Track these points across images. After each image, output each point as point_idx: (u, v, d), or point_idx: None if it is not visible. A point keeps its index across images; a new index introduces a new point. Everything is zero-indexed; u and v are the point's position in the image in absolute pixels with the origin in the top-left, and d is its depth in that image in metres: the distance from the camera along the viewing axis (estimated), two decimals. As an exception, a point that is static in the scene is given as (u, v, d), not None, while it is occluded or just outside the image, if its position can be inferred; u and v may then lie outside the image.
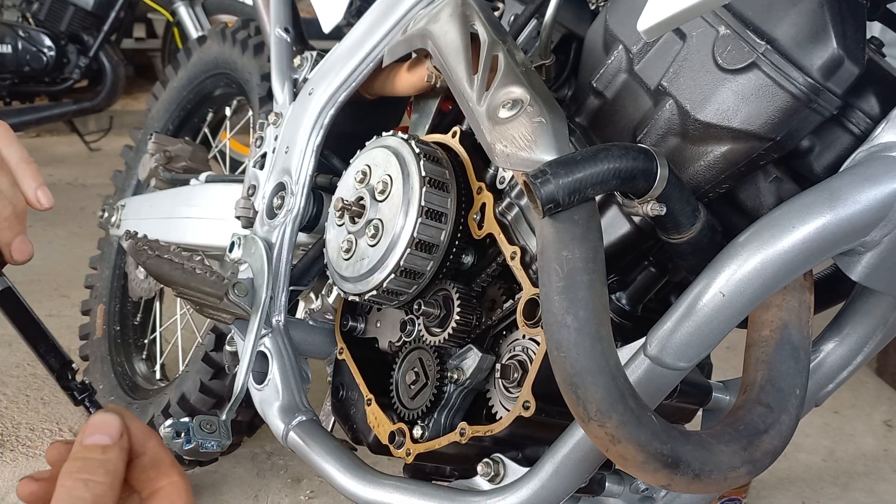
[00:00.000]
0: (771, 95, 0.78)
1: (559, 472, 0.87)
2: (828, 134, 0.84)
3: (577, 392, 0.71)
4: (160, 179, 1.85)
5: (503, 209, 1.00)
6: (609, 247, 0.89)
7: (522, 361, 0.96)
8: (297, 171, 1.27)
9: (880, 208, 0.73)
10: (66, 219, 3.65)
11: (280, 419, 1.20)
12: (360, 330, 1.20)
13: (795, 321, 0.80)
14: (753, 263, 0.75)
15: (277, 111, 1.38)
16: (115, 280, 2.12)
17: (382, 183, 1.04)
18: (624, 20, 0.91)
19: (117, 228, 1.97)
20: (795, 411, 0.76)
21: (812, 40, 0.77)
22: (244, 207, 1.34)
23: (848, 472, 2.10)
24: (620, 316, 0.96)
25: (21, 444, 1.95)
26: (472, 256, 1.05)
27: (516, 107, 0.87)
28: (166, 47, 5.21)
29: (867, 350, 0.92)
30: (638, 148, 0.77)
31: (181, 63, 2.10)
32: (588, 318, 0.72)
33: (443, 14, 1.04)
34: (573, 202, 0.75)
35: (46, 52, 3.69)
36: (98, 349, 2.06)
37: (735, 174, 0.85)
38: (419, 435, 1.04)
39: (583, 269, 0.73)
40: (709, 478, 0.71)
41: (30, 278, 2.94)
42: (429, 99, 1.19)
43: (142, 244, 1.43)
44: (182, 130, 2.11)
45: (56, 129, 5.08)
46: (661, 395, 0.83)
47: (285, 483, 1.88)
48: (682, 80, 0.83)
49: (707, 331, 0.77)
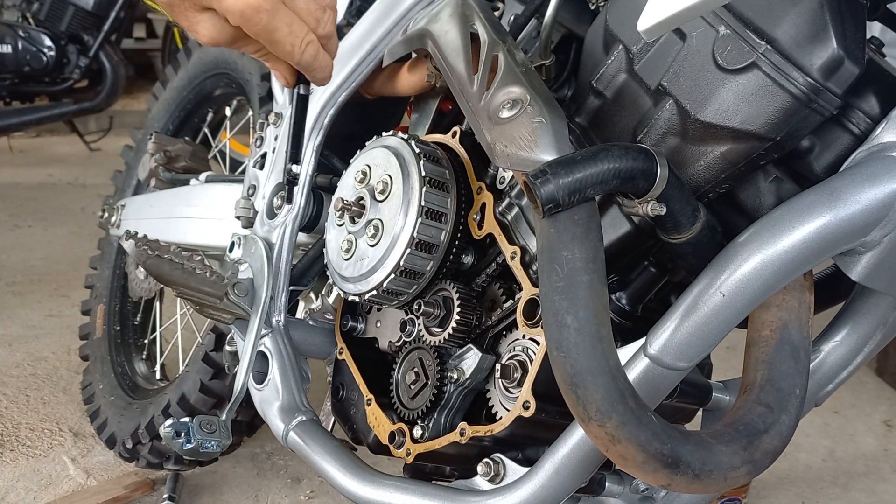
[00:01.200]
0: (771, 95, 0.78)
1: (559, 472, 0.87)
2: (828, 134, 0.84)
3: (577, 392, 0.71)
4: (160, 179, 1.86)
5: (503, 209, 1.00)
6: (609, 247, 0.89)
7: (522, 361, 0.96)
8: (297, 170, 1.27)
9: (880, 208, 0.73)
10: (66, 219, 3.66)
11: (280, 419, 1.20)
12: (360, 330, 1.20)
13: (795, 321, 0.80)
14: (753, 263, 0.75)
15: (277, 111, 1.38)
16: (115, 280, 2.12)
17: (382, 183, 1.04)
18: (624, 20, 0.91)
19: (117, 228, 1.97)
20: (795, 411, 0.77)
21: (812, 40, 0.76)
22: (244, 207, 1.34)
23: (848, 472, 2.10)
24: (620, 316, 0.96)
25: (21, 444, 1.95)
26: (472, 256, 1.05)
27: (516, 107, 0.87)
28: (166, 47, 5.22)
29: (867, 350, 0.92)
30: (638, 148, 0.77)
31: (181, 63, 2.10)
32: (588, 318, 0.72)
33: (443, 14, 1.04)
34: (573, 202, 0.75)
35: (46, 52, 3.69)
36: (98, 349, 2.06)
37: (735, 174, 0.85)
38: (419, 435, 1.04)
39: (583, 269, 0.73)
40: (709, 478, 0.71)
41: (30, 278, 2.94)
42: (429, 99, 1.19)
43: (142, 244, 1.43)
44: (182, 130, 2.11)
45: (56, 129, 5.09)
46: (661, 395, 0.83)
47: (285, 483, 1.88)
48: (682, 80, 0.83)
49: (707, 331, 0.77)
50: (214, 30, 0.85)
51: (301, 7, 0.85)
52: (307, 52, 0.87)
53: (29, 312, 2.65)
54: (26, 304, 2.72)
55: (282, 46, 0.85)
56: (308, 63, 0.88)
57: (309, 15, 0.86)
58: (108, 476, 1.86)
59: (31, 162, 4.67)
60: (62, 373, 2.29)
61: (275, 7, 0.82)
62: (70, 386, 2.22)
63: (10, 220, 3.60)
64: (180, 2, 0.83)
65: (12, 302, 2.73)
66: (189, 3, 0.83)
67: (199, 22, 0.84)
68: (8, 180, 4.22)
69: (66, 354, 2.38)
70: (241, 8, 0.80)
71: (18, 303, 2.73)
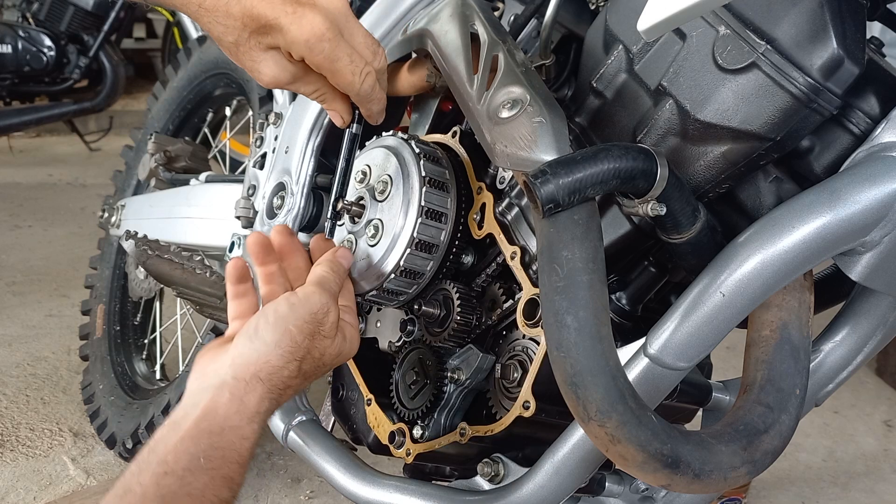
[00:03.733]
0: (771, 95, 0.78)
1: (559, 472, 0.87)
2: (828, 134, 0.84)
3: (577, 392, 0.71)
4: (160, 179, 1.86)
5: (503, 209, 1.00)
6: (609, 247, 0.89)
7: (522, 361, 0.96)
8: (297, 171, 1.27)
9: (880, 208, 0.73)
10: (66, 219, 3.65)
11: (280, 419, 1.20)
12: (361, 330, 1.20)
13: (795, 321, 0.80)
14: (753, 263, 0.75)
15: (277, 111, 1.38)
16: (115, 280, 2.12)
17: (382, 183, 1.04)
18: (624, 20, 0.91)
19: (117, 228, 1.97)
20: (795, 411, 0.77)
21: (812, 40, 0.76)
22: (244, 207, 1.34)
23: (848, 472, 2.10)
24: (620, 316, 0.96)
25: (21, 444, 1.95)
26: (472, 256, 1.05)
27: (516, 107, 0.87)
28: (166, 47, 5.22)
29: (867, 350, 0.92)
30: (638, 148, 0.77)
31: (181, 63, 2.10)
32: (588, 318, 0.72)
33: (443, 14, 1.04)
34: (573, 202, 0.75)
35: (46, 52, 3.69)
36: (98, 349, 2.06)
37: (735, 174, 0.85)
38: (419, 435, 1.04)
39: (583, 269, 0.73)
40: (709, 478, 0.71)
41: (30, 278, 2.94)
42: (429, 99, 1.19)
43: (142, 244, 1.43)
44: (182, 130, 2.11)
45: (56, 129, 5.08)
46: (661, 395, 0.83)
47: (285, 483, 1.88)
48: (682, 80, 0.83)
49: (707, 331, 0.77)
50: (277, 68, 0.89)
51: (359, 41, 0.90)
52: (366, 82, 0.91)
53: (29, 312, 2.65)
54: (26, 304, 2.72)
55: (342, 76, 0.89)
56: (367, 93, 0.92)
57: (366, 48, 0.90)
58: (108, 476, 1.86)
59: (31, 162, 4.67)
60: (62, 373, 2.29)
61: (336, 37, 0.86)
62: (70, 386, 2.22)
63: (10, 220, 3.60)
64: (246, 41, 0.86)
65: (12, 302, 2.73)
66: (255, 41, 0.86)
67: (262, 61, 0.88)
68: (8, 180, 4.22)
69: (66, 354, 2.38)
70: (306, 37, 0.84)
71: (18, 303, 2.73)
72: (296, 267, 0.97)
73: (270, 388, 0.85)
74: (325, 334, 0.89)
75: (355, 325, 0.97)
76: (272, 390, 0.85)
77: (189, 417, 0.82)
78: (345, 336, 0.93)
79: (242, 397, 0.83)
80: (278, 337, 0.86)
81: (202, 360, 0.89)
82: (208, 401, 0.83)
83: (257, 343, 0.86)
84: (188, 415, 0.82)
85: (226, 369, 0.85)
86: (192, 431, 0.81)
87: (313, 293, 0.89)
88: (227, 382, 0.84)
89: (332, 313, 0.90)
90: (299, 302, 0.88)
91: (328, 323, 0.89)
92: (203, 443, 0.80)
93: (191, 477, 0.79)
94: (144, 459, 0.80)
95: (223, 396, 0.83)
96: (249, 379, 0.84)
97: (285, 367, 0.86)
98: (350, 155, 1.04)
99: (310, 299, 0.89)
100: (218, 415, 0.82)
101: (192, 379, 0.88)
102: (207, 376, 0.86)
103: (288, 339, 0.86)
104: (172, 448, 0.80)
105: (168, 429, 0.82)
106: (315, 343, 0.88)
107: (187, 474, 0.79)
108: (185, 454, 0.79)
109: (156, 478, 0.78)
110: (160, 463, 0.79)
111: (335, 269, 0.95)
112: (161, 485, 0.78)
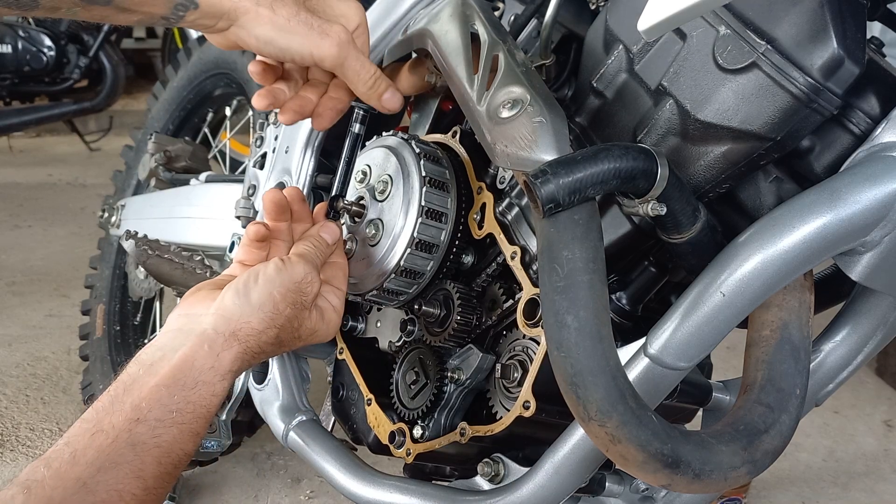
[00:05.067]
0: (771, 95, 0.78)
1: (559, 472, 0.87)
2: (828, 134, 0.84)
3: (577, 392, 0.71)
4: (160, 179, 1.86)
5: (503, 209, 1.00)
6: (609, 247, 0.89)
7: (522, 361, 0.96)
8: (297, 171, 1.27)
9: (880, 208, 0.73)
10: (66, 219, 3.66)
11: (280, 419, 1.20)
12: (361, 330, 1.20)
13: (795, 321, 0.80)
14: (753, 263, 0.75)
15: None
16: (115, 280, 2.12)
17: (382, 183, 1.05)
18: (624, 20, 0.91)
19: (117, 228, 1.97)
20: (795, 411, 0.76)
21: (812, 40, 0.76)
22: (244, 207, 1.34)
23: (848, 472, 2.10)
24: (620, 316, 0.96)
25: (21, 444, 1.95)
26: (473, 256, 1.05)
27: (516, 107, 0.87)
28: (166, 47, 5.22)
29: (867, 350, 0.92)
30: (638, 148, 0.77)
31: (181, 63, 2.10)
32: (588, 318, 0.72)
33: (443, 14, 1.03)
34: (573, 202, 0.75)
35: (46, 52, 3.69)
36: (98, 349, 2.06)
37: (735, 174, 0.85)
38: (419, 435, 1.04)
39: (583, 269, 0.73)
40: (709, 478, 0.71)
41: (30, 278, 2.94)
42: (429, 99, 1.19)
43: (142, 244, 1.43)
44: (182, 130, 2.11)
45: (56, 129, 5.09)
46: (661, 395, 0.83)
47: (285, 483, 1.88)
48: (683, 80, 0.83)
49: (707, 331, 0.77)
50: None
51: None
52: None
53: (29, 312, 2.65)
54: (26, 304, 2.72)
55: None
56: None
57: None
58: (108, 476, 1.86)
59: (31, 162, 4.67)
60: (62, 373, 2.29)
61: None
62: (70, 386, 2.22)
63: (10, 220, 3.60)
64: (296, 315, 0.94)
65: (12, 302, 2.73)
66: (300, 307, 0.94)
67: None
68: (8, 180, 4.23)
69: (66, 354, 2.38)
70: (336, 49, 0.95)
71: (18, 303, 2.73)
72: (301, 231, 1.03)
73: (245, 349, 0.88)
74: (304, 305, 0.93)
75: (339, 309, 1.00)
76: (247, 352, 0.88)
77: (166, 361, 0.84)
78: (322, 315, 0.97)
79: (219, 353, 0.86)
80: (263, 300, 0.89)
81: (191, 299, 0.92)
82: (188, 349, 0.85)
83: (243, 301, 0.89)
84: (165, 357, 0.84)
85: (208, 318, 0.88)
86: (167, 380, 0.83)
87: (297, 262, 0.94)
88: (207, 333, 0.86)
89: (314, 284, 0.94)
90: (285, 269, 0.92)
91: (310, 294, 0.94)
92: (177, 396, 0.82)
93: (161, 429, 0.81)
94: (118, 397, 0.82)
95: (202, 348, 0.85)
96: (228, 336, 0.87)
97: (264, 333, 0.89)
98: (352, 155, 1.05)
99: (294, 267, 0.93)
100: (194, 367, 0.84)
101: (176, 315, 0.91)
102: (190, 318, 0.89)
103: (271, 305, 0.90)
104: (147, 394, 0.81)
105: (144, 369, 0.84)
106: (295, 313, 0.92)
107: (159, 426, 0.81)
108: (158, 404, 0.81)
109: (128, 424, 0.79)
110: (134, 408, 0.80)
111: (317, 244, 0.99)
112: (133, 432, 0.79)
